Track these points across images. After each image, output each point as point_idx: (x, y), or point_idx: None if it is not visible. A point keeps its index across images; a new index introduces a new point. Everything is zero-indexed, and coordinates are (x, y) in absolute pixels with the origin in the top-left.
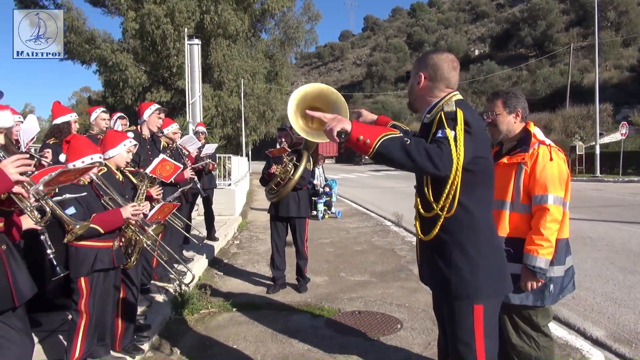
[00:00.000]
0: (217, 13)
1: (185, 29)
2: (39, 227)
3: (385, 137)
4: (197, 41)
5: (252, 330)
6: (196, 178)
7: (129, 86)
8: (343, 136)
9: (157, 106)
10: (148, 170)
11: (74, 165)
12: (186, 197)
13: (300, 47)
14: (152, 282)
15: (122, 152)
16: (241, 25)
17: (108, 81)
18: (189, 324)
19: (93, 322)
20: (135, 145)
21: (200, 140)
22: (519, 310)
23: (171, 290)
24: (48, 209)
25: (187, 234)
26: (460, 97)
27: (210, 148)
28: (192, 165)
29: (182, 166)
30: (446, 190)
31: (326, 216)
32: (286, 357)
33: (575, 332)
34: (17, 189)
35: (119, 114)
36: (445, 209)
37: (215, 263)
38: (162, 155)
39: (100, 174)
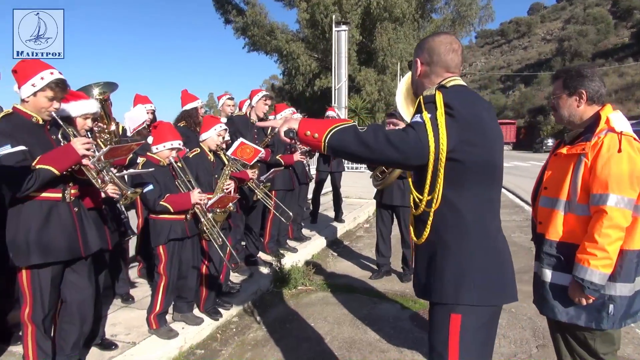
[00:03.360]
0: None
1: (333, 16)
2: (115, 196)
3: (336, 128)
4: (344, 27)
5: (335, 312)
6: (305, 162)
7: (300, 73)
8: (291, 134)
9: (265, 93)
10: (229, 153)
11: (157, 149)
12: (299, 180)
13: (473, 26)
14: (259, 254)
15: (212, 136)
16: (407, 7)
17: (285, 69)
18: (284, 298)
19: (171, 284)
20: (225, 129)
21: None
22: (573, 331)
23: (274, 264)
24: (107, 177)
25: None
26: (460, 82)
27: None
28: (304, 149)
29: (262, 150)
30: (428, 181)
31: None
32: (353, 343)
33: None
34: (85, 161)
35: (228, 96)
36: (433, 203)
37: (334, 244)
38: (240, 139)
39: (193, 155)
